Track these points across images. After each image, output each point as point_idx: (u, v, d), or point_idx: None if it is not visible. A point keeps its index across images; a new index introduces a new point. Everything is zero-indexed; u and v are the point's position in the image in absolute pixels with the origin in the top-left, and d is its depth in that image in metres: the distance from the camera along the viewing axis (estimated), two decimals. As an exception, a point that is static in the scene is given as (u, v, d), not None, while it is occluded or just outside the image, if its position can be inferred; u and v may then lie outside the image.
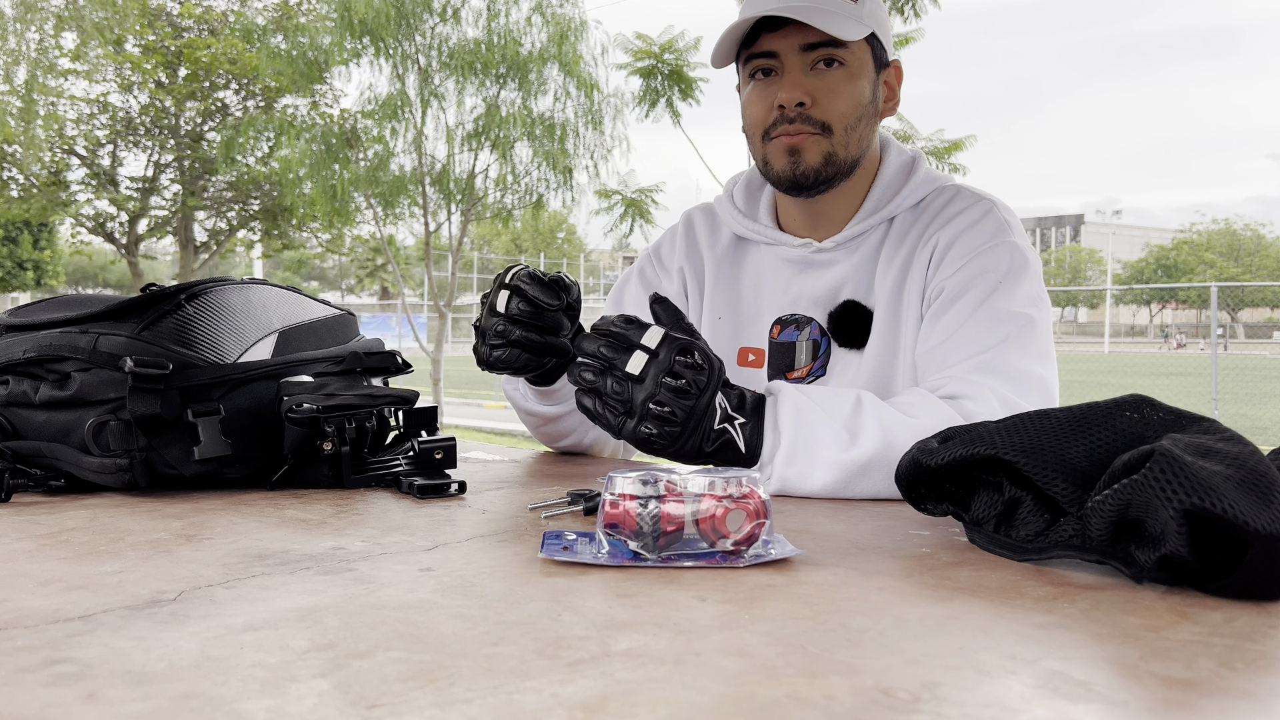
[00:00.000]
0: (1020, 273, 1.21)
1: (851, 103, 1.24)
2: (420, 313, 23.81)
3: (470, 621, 0.58)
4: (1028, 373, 1.14)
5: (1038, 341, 1.18)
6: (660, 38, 8.91)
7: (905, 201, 1.30)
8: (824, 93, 1.23)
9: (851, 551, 0.76)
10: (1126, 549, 0.65)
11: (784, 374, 1.33)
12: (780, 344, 1.34)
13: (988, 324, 1.17)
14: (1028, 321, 1.17)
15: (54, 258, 26.23)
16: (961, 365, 1.15)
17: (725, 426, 1.00)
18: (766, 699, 0.46)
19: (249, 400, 1.04)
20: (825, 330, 1.31)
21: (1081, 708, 0.45)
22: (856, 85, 1.24)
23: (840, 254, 1.31)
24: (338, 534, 0.82)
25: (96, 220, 14.89)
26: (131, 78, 13.84)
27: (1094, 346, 37.14)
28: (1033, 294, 1.21)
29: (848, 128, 1.25)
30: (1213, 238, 51.15)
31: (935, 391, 1.12)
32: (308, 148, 10.01)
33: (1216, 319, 11.17)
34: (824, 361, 1.31)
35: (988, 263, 1.21)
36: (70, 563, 0.72)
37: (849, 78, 1.24)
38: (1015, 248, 1.23)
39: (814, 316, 1.32)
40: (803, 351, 1.32)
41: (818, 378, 1.31)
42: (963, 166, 9.07)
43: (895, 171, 1.32)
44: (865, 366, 1.27)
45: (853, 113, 1.25)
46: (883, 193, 1.31)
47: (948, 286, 1.22)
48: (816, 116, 1.23)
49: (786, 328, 1.34)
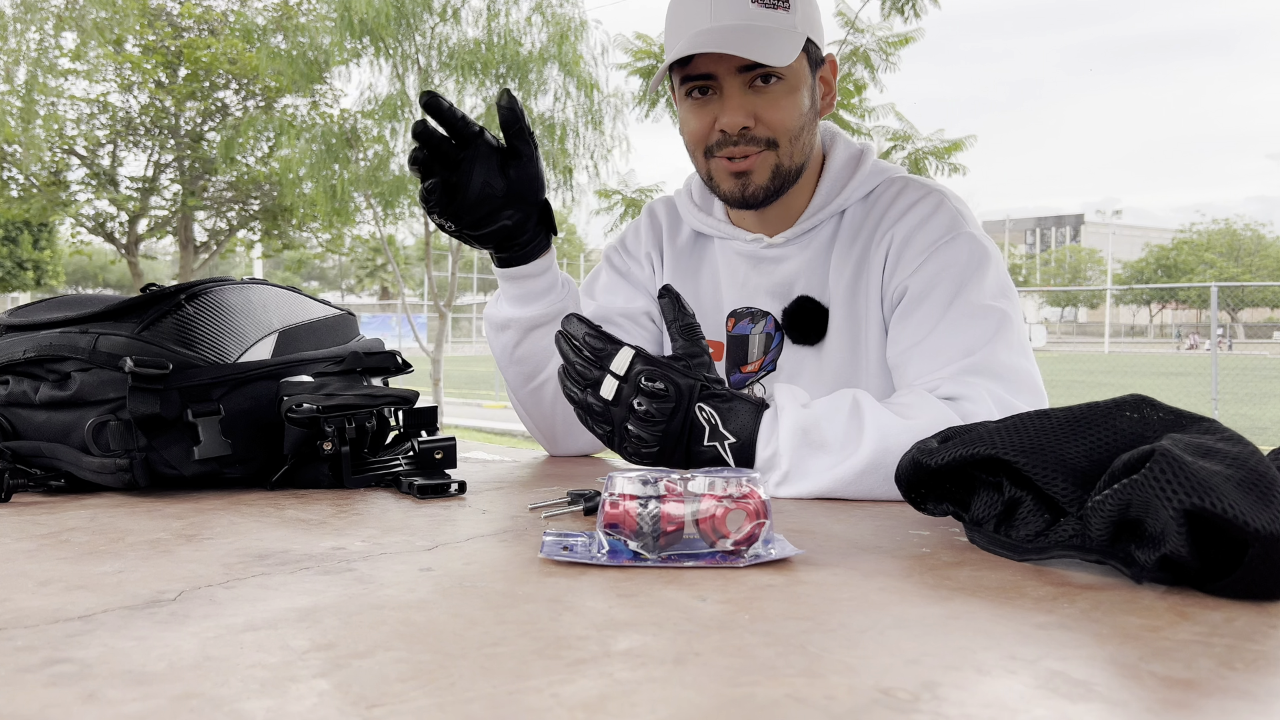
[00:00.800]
0: (983, 264, 1.21)
1: (794, 114, 1.24)
2: (420, 313, 23.82)
3: (470, 621, 0.58)
4: (1016, 368, 1.14)
5: (1016, 335, 1.18)
6: (660, 38, 8.91)
7: (854, 194, 1.30)
8: (766, 109, 1.22)
9: (851, 551, 0.76)
10: (1126, 549, 0.65)
11: (739, 367, 1.34)
12: (735, 337, 1.35)
13: (963, 321, 1.17)
14: (1002, 316, 1.17)
15: (54, 258, 26.23)
16: (950, 367, 1.14)
17: (714, 445, 0.99)
18: (766, 699, 0.46)
19: (249, 400, 1.04)
20: (779, 325, 1.32)
21: (1081, 708, 0.45)
22: (796, 96, 1.24)
23: (792, 249, 1.31)
24: (338, 534, 0.82)
25: (96, 220, 14.89)
26: (131, 78, 13.85)
27: (1094, 346, 37.14)
28: (1000, 284, 1.21)
29: (792, 139, 1.24)
30: (1213, 238, 51.15)
31: (932, 393, 1.12)
32: (308, 148, 10.01)
33: (1216, 319, 11.17)
34: (774, 356, 1.32)
35: (948, 258, 1.21)
36: (70, 563, 0.72)
37: (789, 90, 1.23)
38: (973, 239, 1.23)
39: (769, 310, 1.33)
40: (755, 345, 1.33)
41: (768, 372, 1.32)
42: (963, 166, 9.07)
43: (842, 164, 1.32)
44: (826, 364, 1.28)
45: (796, 123, 1.24)
46: (831, 186, 1.31)
47: (911, 285, 1.22)
48: (760, 135, 1.23)
49: (741, 320, 1.35)
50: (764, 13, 1.19)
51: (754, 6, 1.19)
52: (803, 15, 1.23)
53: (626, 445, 1.01)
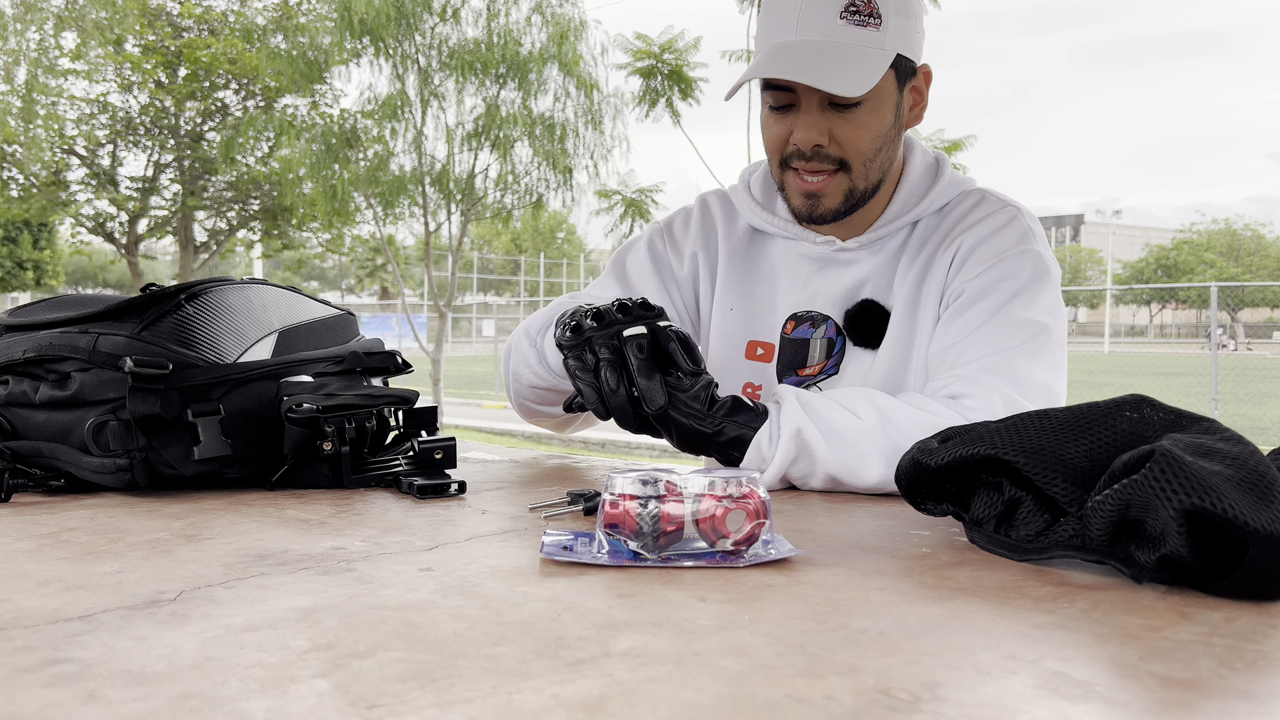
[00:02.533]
0: (1041, 282, 1.20)
1: (871, 137, 1.20)
2: (420, 313, 23.82)
3: (470, 621, 0.58)
4: (1035, 379, 1.13)
5: (1051, 351, 1.17)
6: (660, 38, 8.91)
7: (931, 205, 1.28)
8: (842, 130, 1.19)
9: (851, 551, 0.76)
10: (1126, 549, 0.65)
11: (794, 370, 1.32)
12: (793, 340, 1.32)
13: (1004, 329, 1.16)
14: (1043, 330, 1.17)
15: (54, 258, 26.22)
16: (970, 365, 1.14)
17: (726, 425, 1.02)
18: (766, 699, 0.46)
19: (249, 400, 1.04)
20: (841, 329, 1.30)
21: (1081, 708, 0.45)
22: (877, 117, 1.20)
23: (862, 254, 1.29)
24: (338, 534, 0.82)
25: (96, 220, 14.89)
26: (131, 78, 13.84)
27: (1094, 347, 37.13)
28: (1051, 304, 1.20)
29: (866, 161, 1.21)
30: (1213, 238, 51.14)
31: (941, 390, 1.12)
32: (308, 148, 10.01)
33: (1216, 319, 11.17)
34: (838, 360, 1.30)
35: (1010, 269, 1.20)
36: (70, 563, 0.72)
37: (870, 111, 1.19)
38: (1038, 256, 1.22)
39: (830, 314, 1.30)
40: (816, 349, 1.31)
41: (830, 376, 1.30)
42: (963, 166, 9.08)
43: (920, 174, 1.30)
44: (878, 367, 1.27)
45: (872, 146, 1.20)
46: (908, 196, 1.29)
47: (968, 289, 1.21)
48: (834, 154, 1.20)
49: (801, 324, 1.32)
50: (851, 30, 1.14)
51: (841, 23, 1.14)
52: (895, 29, 1.17)
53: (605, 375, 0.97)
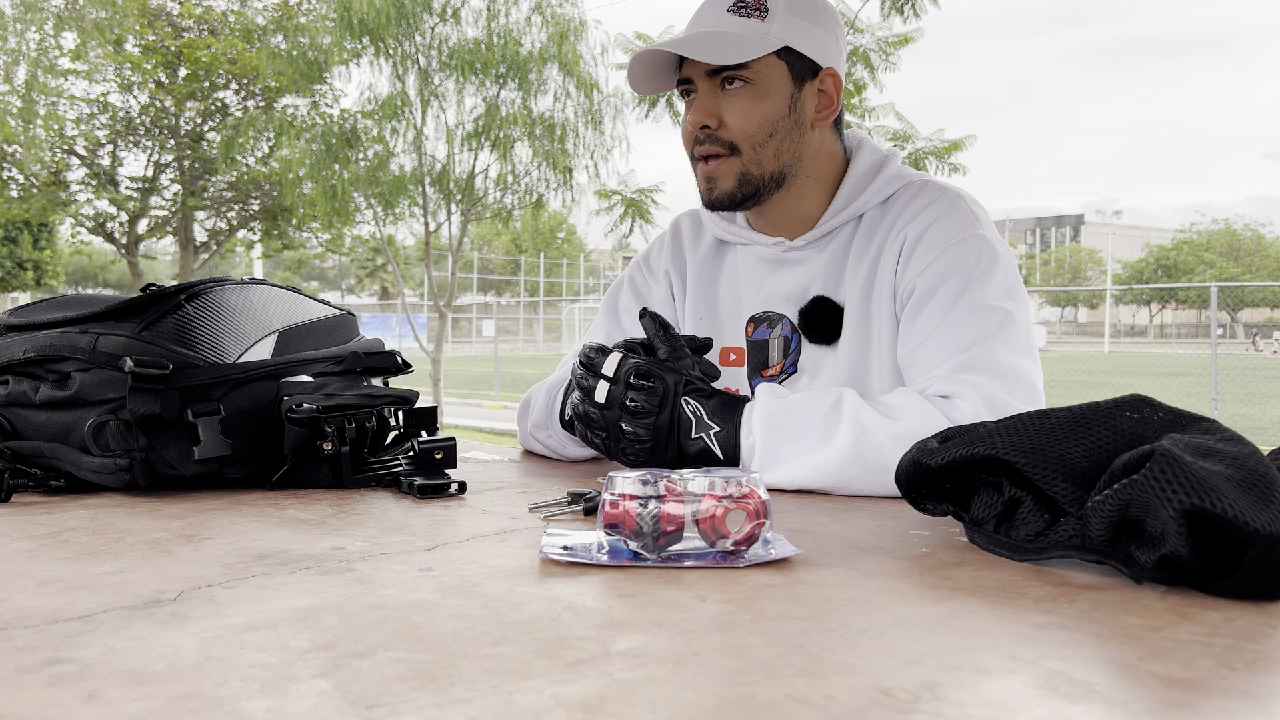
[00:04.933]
0: (991, 265, 1.22)
1: (758, 120, 1.25)
2: (420, 313, 23.82)
3: (470, 621, 0.58)
4: (1011, 366, 1.15)
5: (1018, 335, 1.18)
6: (660, 37, 8.92)
7: (873, 198, 1.31)
8: (729, 112, 1.25)
9: (851, 551, 0.76)
10: (1126, 549, 0.65)
11: (760, 372, 1.35)
12: (755, 342, 1.37)
13: (966, 320, 1.18)
14: (1005, 315, 1.18)
15: (54, 258, 26.21)
16: (945, 364, 1.16)
17: (701, 436, 1.06)
18: (766, 699, 0.46)
19: (249, 400, 1.04)
20: (796, 327, 1.33)
21: (1081, 708, 0.45)
22: (764, 102, 1.25)
23: (810, 251, 1.33)
24: (338, 534, 0.82)
25: (96, 220, 14.87)
26: (131, 78, 13.83)
27: (1094, 347, 37.14)
28: (1007, 286, 1.22)
29: (756, 145, 1.26)
30: (1212, 238, 51.12)
31: (923, 392, 1.13)
32: (308, 148, 10.00)
33: (1216, 319, 11.17)
34: (794, 358, 1.33)
35: (957, 257, 1.22)
36: (70, 563, 0.72)
37: (755, 95, 1.25)
38: (984, 240, 1.24)
39: (785, 313, 1.34)
40: (775, 349, 1.35)
41: (789, 374, 1.33)
42: (963, 166, 9.06)
43: (865, 170, 1.33)
44: (840, 363, 1.29)
45: (760, 130, 1.26)
46: (851, 190, 1.32)
47: (920, 284, 1.23)
48: (724, 137, 1.26)
49: (760, 325, 1.36)
50: (737, 20, 1.24)
51: (729, 15, 1.24)
52: (784, 24, 1.24)
53: (622, 446, 1.07)
